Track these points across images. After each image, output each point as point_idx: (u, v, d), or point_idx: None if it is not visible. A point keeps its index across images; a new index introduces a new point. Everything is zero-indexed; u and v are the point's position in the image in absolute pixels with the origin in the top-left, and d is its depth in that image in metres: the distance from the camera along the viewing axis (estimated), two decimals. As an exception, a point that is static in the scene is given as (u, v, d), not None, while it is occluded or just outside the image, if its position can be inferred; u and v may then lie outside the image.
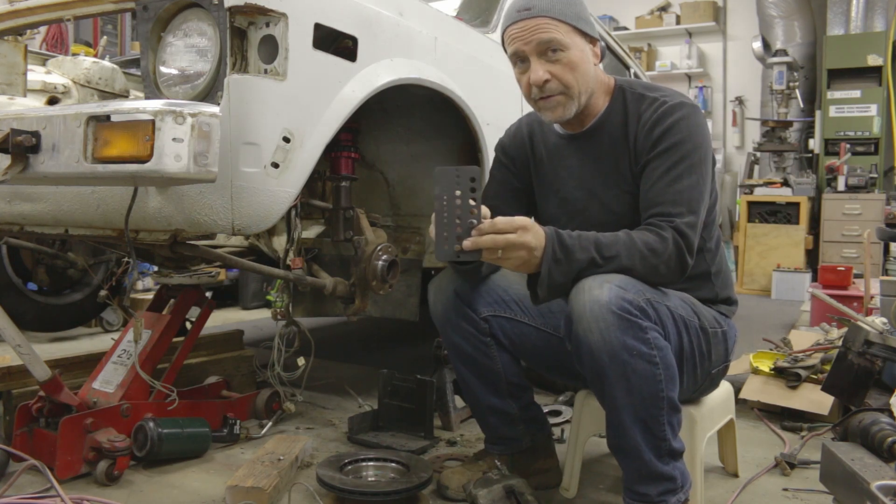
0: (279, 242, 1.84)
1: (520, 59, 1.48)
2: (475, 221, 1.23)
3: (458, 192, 1.23)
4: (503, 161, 1.71)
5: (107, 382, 1.88)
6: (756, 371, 2.46)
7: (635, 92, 1.53)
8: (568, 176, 1.60)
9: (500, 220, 1.25)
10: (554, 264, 1.29)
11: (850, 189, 6.02)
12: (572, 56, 1.45)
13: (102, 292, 2.50)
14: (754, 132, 7.29)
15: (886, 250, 5.46)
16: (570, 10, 1.44)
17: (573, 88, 1.46)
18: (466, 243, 1.23)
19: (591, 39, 1.49)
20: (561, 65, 1.45)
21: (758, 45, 7.11)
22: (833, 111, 6.35)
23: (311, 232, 1.98)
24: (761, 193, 6.23)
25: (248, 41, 1.44)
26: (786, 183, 6.30)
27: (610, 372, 1.28)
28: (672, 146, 1.43)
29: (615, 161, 1.52)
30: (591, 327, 1.26)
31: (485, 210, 1.28)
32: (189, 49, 1.44)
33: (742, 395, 2.33)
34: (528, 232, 1.26)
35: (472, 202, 1.23)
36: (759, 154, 6.81)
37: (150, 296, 3.22)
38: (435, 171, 1.25)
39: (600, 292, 1.26)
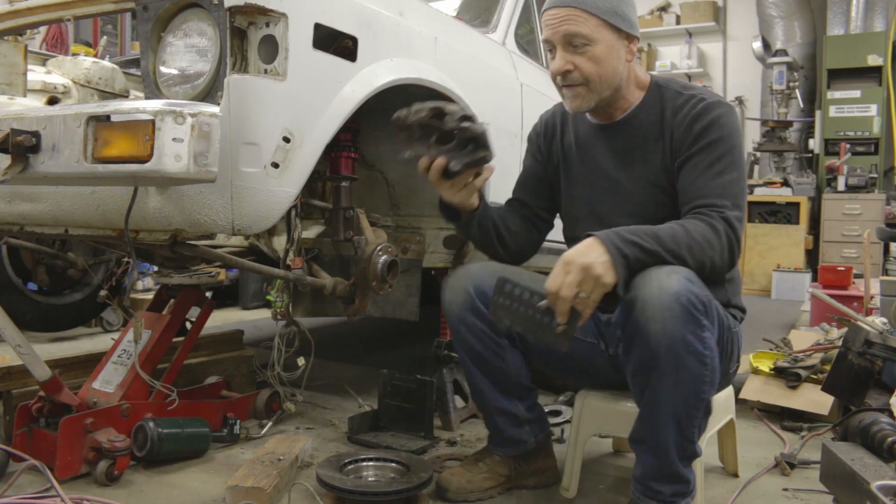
0: (279, 242, 1.84)
1: (549, 47, 1.50)
2: (545, 302, 1.29)
3: (515, 305, 1.33)
4: (532, 149, 1.76)
5: (107, 382, 1.88)
6: (756, 371, 2.46)
7: (672, 89, 1.54)
8: (595, 166, 1.61)
9: (546, 283, 1.27)
10: (623, 260, 1.27)
11: (850, 189, 6.03)
12: (597, 51, 1.46)
13: (102, 292, 2.50)
14: (754, 132, 7.28)
15: (886, 250, 5.46)
16: (604, 4, 1.45)
17: (594, 82, 1.48)
18: (560, 320, 1.27)
19: (627, 36, 1.49)
20: (585, 57, 1.46)
21: (758, 45, 7.11)
22: (833, 111, 6.35)
23: (311, 232, 1.98)
24: (761, 193, 6.24)
25: (248, 41, 1.44)
26: (786, 183, 6.30)
27: (663, 364, 1.26)
28: (713, 142, 1.44)
29: (645, 154, 1.53)
30: (656, 315, 1.24)
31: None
32: (189, 49, 1.44)
33: (742, 395, 2.33)
34: (573, 262, 1.26)
35: (527, 295, 1.32)
36: (759, 154, 6.81)
37: (150, 296, 3.22)
38: (490, 314, 1.39)
39: (669, 281, 1.25)
